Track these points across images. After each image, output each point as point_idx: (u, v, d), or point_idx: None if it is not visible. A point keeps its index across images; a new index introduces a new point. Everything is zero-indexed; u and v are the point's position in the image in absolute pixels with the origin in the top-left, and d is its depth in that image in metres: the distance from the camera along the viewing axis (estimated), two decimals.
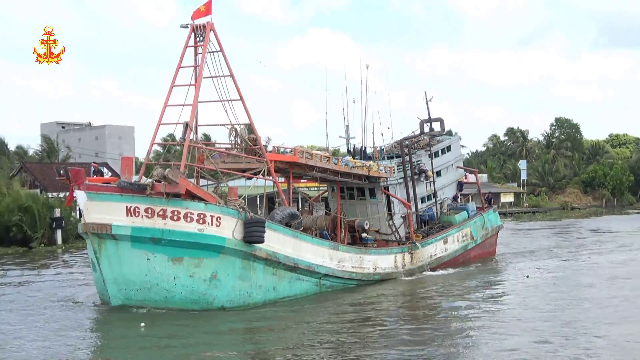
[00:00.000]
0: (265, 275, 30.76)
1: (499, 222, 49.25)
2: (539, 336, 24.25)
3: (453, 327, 27.58)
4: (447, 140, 46.53)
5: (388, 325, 27.95)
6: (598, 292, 34.42)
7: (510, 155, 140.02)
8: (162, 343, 24.38)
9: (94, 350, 23.95)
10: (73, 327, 26.76)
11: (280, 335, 26.29)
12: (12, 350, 23.09)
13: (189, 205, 28.14)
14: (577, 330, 25.15)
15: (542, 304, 31.32)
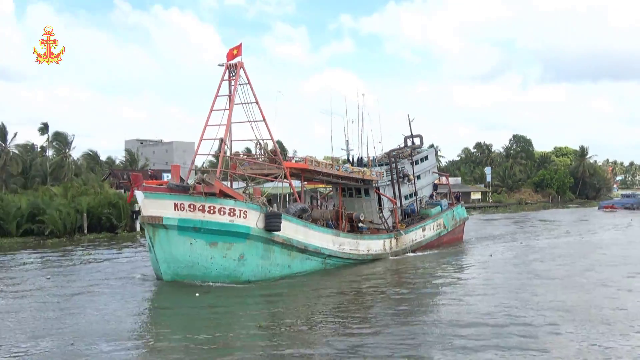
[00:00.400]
0: (282, 256, 31.48)
1: (465, 215, 50.10)
2: (499, 300, 25.01)
3: (429, 292, 28.98)
4: (425, 152, 47.45)
5: (378, 290, 29.18)
6: (545, 267, 34.97)
7: (478, 163, 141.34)
8: (204, 307, 24.99)
9: (148, 311, 25.02)
10: (133, 294, 27.79)
11: (292, 299, 27.22)
12: (86, 308, 24.47)
13: (222, 202, 28.89)
14: (529, 296, 25.82)
15: (502, 276, 31.96)
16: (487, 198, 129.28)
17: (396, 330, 20.60)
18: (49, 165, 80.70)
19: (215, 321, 22.53)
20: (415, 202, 44.36)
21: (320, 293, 28.58)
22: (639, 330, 19.78)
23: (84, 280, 31.53)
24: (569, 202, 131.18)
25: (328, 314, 24.25)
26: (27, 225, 53.74)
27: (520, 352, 17.34)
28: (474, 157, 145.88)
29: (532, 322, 20.94)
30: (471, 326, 20.72)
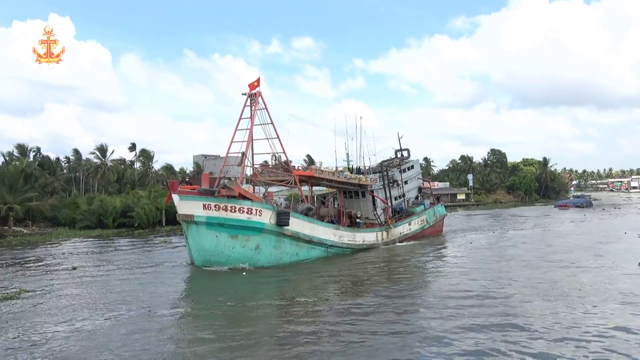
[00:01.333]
0: (291, 246, 29.63)
1: (444, 212, 47.40)
2: (475, 278, 24.34)
3: (419, 271, 27.90)
4: (411, 162, 45.09)
5: (372, 271, 27.82)
6: (516, 251, 33.61)
7: (462, 171, 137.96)
8: (227, 286, 24.16)
9: (182, 289, 23.86)
10: (191, 272, 27.26)
11: (300, 280, 25.61)
12: (157, 281, 24.61)
13: (241, 203, 27.25)
14: (502, 275, 24.93)
15: (480, 258, 30.90)
16: (469, 198, 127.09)
17: (394, 302, 19.72)
18: (137, 175, 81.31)
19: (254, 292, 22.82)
20: (403, 202, 42.08)
21: (331, 272, 27.40)
22: (590, 301, 19.17)
23: (158, 260, 31.10)
24: (534, 201, 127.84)
25: (330, 290, 23.08)
26: (120, 219, 54.12)
27: (498, 318, 16.96)
28: (459, 167, 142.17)
29: (505, 294, 20.48)
30: (456, 298, 20.12)
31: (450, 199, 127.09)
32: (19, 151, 74.20)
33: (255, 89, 31.60)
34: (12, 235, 46.81)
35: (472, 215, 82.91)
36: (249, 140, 30.52)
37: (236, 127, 31.40)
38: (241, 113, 31.59)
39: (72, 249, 38.29)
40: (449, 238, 42.49)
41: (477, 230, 50.47)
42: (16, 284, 23.69)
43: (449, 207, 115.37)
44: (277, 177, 32.47)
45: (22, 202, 51.97)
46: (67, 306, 19.55)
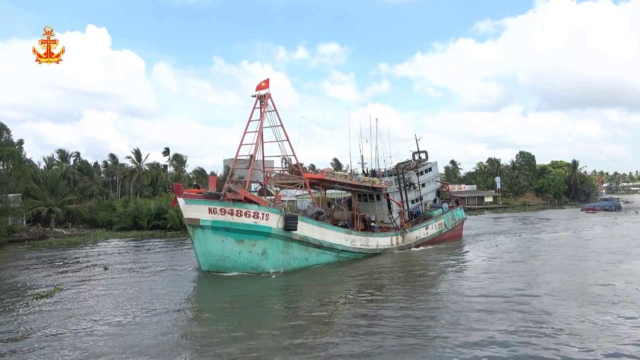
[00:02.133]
0: (300, 251, 28.54)
1: (464, 216, 45.32)
2: (500, 281, 23.50)
3: (434, 276, 26.58)
4: (429, 164, 43.30)
5: (386, 276, 26.66)
6: (544, 255, 32.38)
7: (490, 174, 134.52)
8: (232, 291, 23.24)
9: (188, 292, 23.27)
10: (184, 278, 26.37)
11: (309, 284, 24.87)
12: (184, 281, 24.92)
13: (247, 207, 26.29)
14: (529, 279, 23.94)
15: (503, 263, 29.61)
16: (497, 201, 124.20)
17: (412, 308, 18.94)
18: (170, 178, 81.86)
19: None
20: (421, 206, 40.50)
21: (350, 274, 26.92)
22: (622, 306, 18.15)
23: (188, 261, 31.26)
24: (564, 204, 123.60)
25: (343, 294, 22.31)
26: (154, 221, 54.76)
27: (526, 324, 16.16)
28: (487, 169, 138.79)
29: (533, 299, 19.63)
30: (482, 299, 19.69)
31: (477, 201, 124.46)
32: (59, 156, 77.10)
33: (264, 91, 30.59)
34: (53, 236, 48.42)
35: (499, 219, 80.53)
36: (257, 142, 29.56)
37: (245, 129, 30.58)
38: (250, 115, 30.72)
39: (107, 249, 39.55)
40: (471, 242, 40.65)
41: (504, 233, 48.58)
42: (52, 283, 24.62)
43: (476, 210, 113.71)
44: (288, 180, 31.44)
45: (62, 204, 54.38)
46: (94, 305, 19.99)
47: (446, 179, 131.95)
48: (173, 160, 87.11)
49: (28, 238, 45.92)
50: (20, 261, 33.04)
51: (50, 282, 25.07)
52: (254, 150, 29.52)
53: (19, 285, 24.59)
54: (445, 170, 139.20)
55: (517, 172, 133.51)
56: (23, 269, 29.84)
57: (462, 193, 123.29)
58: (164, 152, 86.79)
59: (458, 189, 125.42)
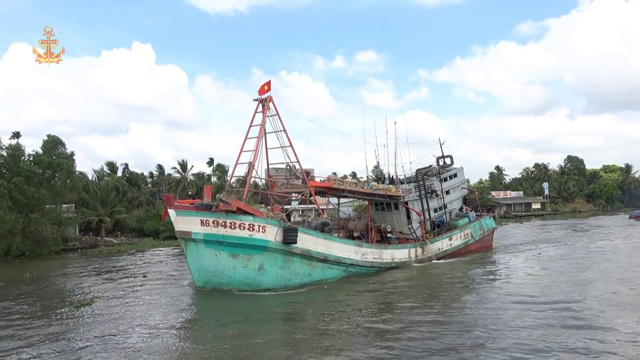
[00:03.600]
0: (302, 266, 25.89)
1: (494, 225, 41.08)
2: (544, 292, 21.71)
3: (457, 290, 24.09)
4: (454, 170, 39.64)
5: (397, 293, 24.00)
6: (592, 263, 29.97)
7: (537, 179, 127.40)
8: (227, 310, 21.34)
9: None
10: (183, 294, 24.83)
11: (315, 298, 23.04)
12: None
13: (242, 218, 23.92)
14: (578, 287, 22.39)
15: (547, 271, 27.84)
16: (545, 207, 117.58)
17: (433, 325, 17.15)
18: (213, 188, 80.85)
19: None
20: (444, 215, 36.94)
21: (368, 287, 25.00)
22: None
23: None
24: (617, 210, 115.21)
25: (377, 306, 20.76)
26: None
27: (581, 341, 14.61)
28: (533, 175, 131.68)
29: (583, 309, 18.20)
30: (526, 310, 18.35)
31: (524, 208, 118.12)
32: (109, 168, 78.63)
33: (266, 94, 28.24)
34: (103, 244, 49.80)
35: (547, 226, 75.44)
36: (256, 149, 27.19)
37: (246, 135, 28.30)
38: (251, 120, 28.48)
39: (152, 258, 40.13)
40: (505, 252, 36.79)
41: (550, 241, 44.54)
42: (94, 290, 25.38)
43: (523, 218, 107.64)
44: (292, 189, 28.93)
45: (112, 214, 55.81)
46: (125, 312, 20.26)
47: (491, 186, 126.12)
48: (216, 170, 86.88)
49: (80, 247, 48.00)
50: (71, 268, 34.56)
51: (94, 290, 25.60)
52: (253, 157, 27.12)
53: (66, 292, 25.44)
54: (490, 176, 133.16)
55: (565, 178, 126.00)
56: (72, 276, 31.06)
57: (507, 200, 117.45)
58: (208, 162, 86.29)
59: (503, 195, 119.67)
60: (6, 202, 39.90)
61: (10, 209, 39.92)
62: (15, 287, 27.16)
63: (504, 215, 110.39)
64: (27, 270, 33.26)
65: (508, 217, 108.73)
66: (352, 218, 33.45)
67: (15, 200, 40.15)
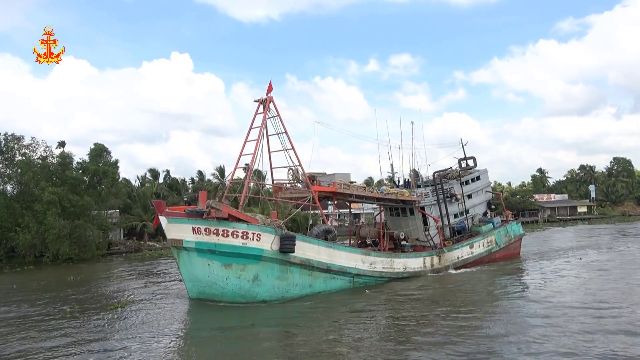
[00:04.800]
0: (302, 276, 23.93)
1: (521, 231, 37.48)
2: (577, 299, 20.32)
3: (475, 304, 21.44)
4: (477, 172, 36.56)
5: (413, 300, 22.64)
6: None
7: (583, 182, 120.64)
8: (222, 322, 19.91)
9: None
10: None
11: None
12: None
13: (235, 225, 22.22)
14: (613, 294, 20.90)
15: (587, 278, 25.79)
16: (592, 211, 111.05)
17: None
18: (250, 193, 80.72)
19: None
20: (466, 220, 34.05)
21: (374, 299, 23.05)
22: None
23: None
24: None
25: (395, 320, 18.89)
26: None
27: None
28: (578, 177, 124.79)
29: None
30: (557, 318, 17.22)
31: (569, 212, 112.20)
32: (151, 175, 79.77)
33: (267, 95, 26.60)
34: (146, 249, 51.27)
35: (594, 230, 70.73)
36: (255, 152, 25.57)
37: (246, 137, 26.73)
38: (252, 122, 26.95)
39: None
40: (536, 260, 33.79)
41: (593, 247, 41.18)
42: (129, 293, 25.67)
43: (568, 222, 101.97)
44: (295, 194, 27.10)
45: (154, 219, 54.92)
46: (153, 320, 19.82)
47: (534, 189, 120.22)
48: (253, 175, 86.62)
49: (124, 251, 49.90)
50: (114, 271, 35.76)
51: (129, 292, 25.96)
52: (251, 160, 25.45)
53: (104, 294, 25.99)
54: (533, 179, 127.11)
55: (613, 180, 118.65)
56: (114, 279, 32.09)
57: (551, 203, 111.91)
58: (244, 167, 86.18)
59: (547, 198, 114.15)
60: (55, 208, 41.31)
61: (59, 215, 41.40)
62: (59, 289, 27.99)
63: (547, 219, 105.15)
64: (73, 273, 34.52)
65: (552, 221, 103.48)
66: (364, 224, 31.17)
67: (63, 208, 41.88)
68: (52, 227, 40.20)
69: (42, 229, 40.61)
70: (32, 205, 42.08)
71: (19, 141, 46.22)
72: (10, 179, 45.41)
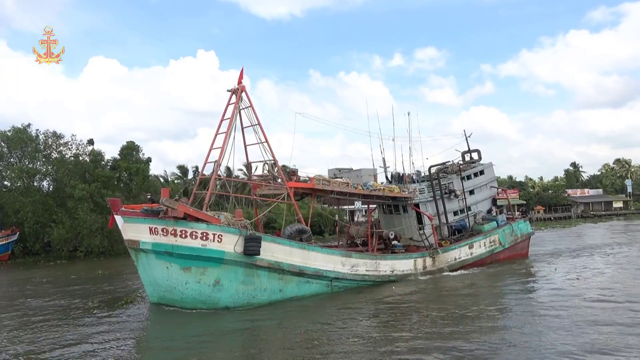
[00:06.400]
0: (271, 280, 21.58)
1: (530, 230, 33.59)
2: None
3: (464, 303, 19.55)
4: (480, 166, 33.04)
5: (400, 306, 20.30)
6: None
7: (619, 176, 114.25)
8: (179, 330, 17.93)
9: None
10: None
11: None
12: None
13: (194, 226, 20.10)
14: None
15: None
16: (629, 206, 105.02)
17: None
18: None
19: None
20: (466, 218, 30.86)
21: (352, 305, 20.81)
22: None
23: None
24: None
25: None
26: (265, 230, 54.74)
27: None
28: (614, 172, 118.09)
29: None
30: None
31: (604, 207, 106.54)
32: (180, 171, 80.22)
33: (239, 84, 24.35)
34: None
35: (630, 226, 66.18)
36: (223, 146, 23.35)
37: (217, 130, 24.51)
38: (223, 113, 24.65)
39: None
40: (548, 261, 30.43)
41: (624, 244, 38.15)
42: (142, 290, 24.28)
43: (603, 217, 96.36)
44: (271, 191, 24.81)
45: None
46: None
47: (567, 183, 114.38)
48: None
49: None
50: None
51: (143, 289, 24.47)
52: (219, 155, 23.27)
53: (124, 289, 25.76)
54: (566, 173, 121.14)
55: None
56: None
57: (585, 198, 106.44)
58: (272, 164, 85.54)
59: (580, 193, 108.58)
60: (88, 204, 42.89)
61: (92, 210, 43.18)
62: (83, 283, 27.94)
63: (581, 215, 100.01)
64: (103, 267, 34.96)
65: (586, 217, 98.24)
66: (355, 223, 28.57)
67: (96, 203, 43.55)
68: (83, 221, 41.93)
69: (75, 224, 42.49)
70: (66, 202, 43.85)
71: (58, 139, 48.06)
72: (46, 175, 47.16)
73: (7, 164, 46.76)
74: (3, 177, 47.25)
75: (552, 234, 56.42)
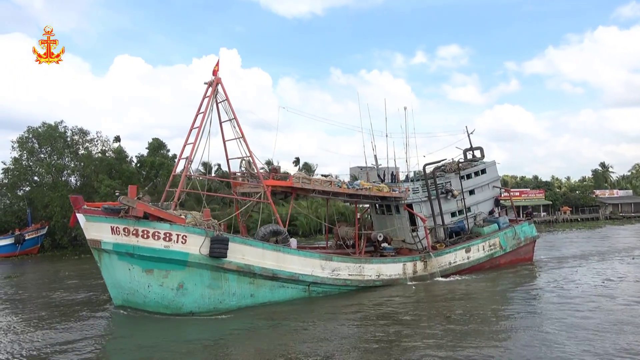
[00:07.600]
0: (240, 285, 20.01)
1: (535, 233, 30.75)
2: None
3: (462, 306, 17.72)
4: (482, 165, 30.49)
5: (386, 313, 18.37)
6: None
7: None
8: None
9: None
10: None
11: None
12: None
13: (156, 226, 18.71)
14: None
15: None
16: None
17: None
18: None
19: None
20: (465, 220, 28.60)
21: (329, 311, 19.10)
22: None
23: None
24: None
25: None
26: (287, 228, 54.53)
27: None
28: None
29: None
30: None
31: (634, 208, 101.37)
32: (204, 168, 78.57)
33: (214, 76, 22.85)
34: None
35: None
36: (195, 141, 21.85)
37: (192, 124, 22.99)
38: (199, 107, 23.14)
39: None
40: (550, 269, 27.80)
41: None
42: None
43: (633, 219, 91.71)
44: (246, 189, 23.22)
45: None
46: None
47: (595, 184, 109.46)
48: (302, 169, 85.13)
49: None
50: None
51: None
52: (190, 151, 21.77)
53: None
54: (594, 174, 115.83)
55: None
56: None
57: (614, 199, 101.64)
58: (294, 161, 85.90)
59: (609, 194, 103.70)
60: (113, 200, 43.36)
61: None
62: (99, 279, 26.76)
63: (609, 216, 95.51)
64: None
65: (614, 218, 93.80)
66: (343, 223, 26.71)
67: None
68: None
69: None
70: (92, 197, 43.98)
71: (85, 135, 48.89)
72: (73, 171, 47.90)
73: (36, 159, 47.66)
74: (33, 172, 48.12)
75: (573, 235, 53.43)
